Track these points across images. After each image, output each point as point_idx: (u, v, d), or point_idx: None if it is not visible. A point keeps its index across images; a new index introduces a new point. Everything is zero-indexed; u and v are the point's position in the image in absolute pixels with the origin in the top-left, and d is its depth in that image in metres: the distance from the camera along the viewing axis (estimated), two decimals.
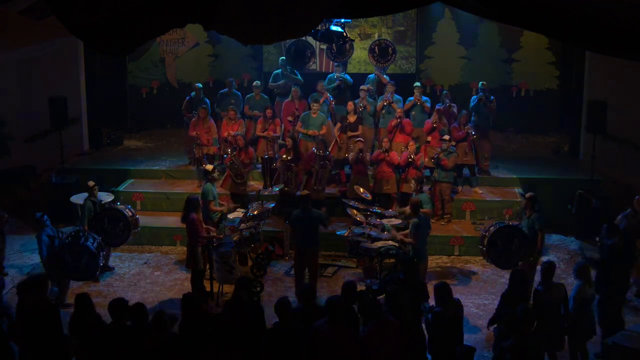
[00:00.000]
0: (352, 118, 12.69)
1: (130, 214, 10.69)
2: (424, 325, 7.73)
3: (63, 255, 9.69)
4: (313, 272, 10.19)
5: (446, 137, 11.99)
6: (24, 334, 7.48)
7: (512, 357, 6.72)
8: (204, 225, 10.08)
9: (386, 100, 12.97)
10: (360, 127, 12.79)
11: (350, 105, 12.77)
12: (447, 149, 11.86)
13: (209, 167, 11.29)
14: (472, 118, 13.04)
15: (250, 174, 12.74)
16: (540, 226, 9.65)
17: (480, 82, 13.35)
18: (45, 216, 10.16)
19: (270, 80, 14.02)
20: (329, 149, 12.31)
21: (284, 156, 12.10)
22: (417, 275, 8.24)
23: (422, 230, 9.78)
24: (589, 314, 8.00)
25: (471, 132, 12.49)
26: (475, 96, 13.38)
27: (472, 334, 9.00)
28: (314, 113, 12.72)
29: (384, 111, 13.07)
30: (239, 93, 14.03)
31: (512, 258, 9.78)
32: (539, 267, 11.04)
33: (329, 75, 13.88)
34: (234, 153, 12.05)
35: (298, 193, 11.69)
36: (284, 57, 13.97)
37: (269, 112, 12.91)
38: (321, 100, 13.04)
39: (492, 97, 13.20)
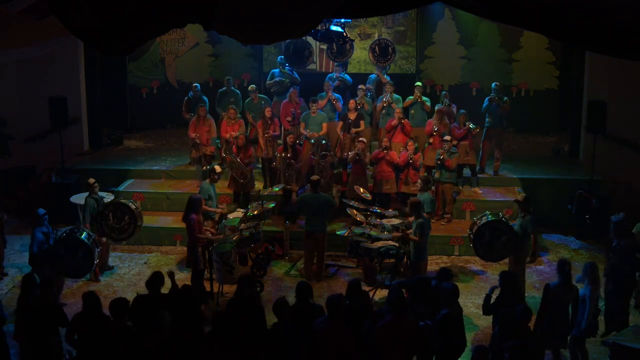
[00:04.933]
0: (352, 115, 12.69)
1: (134, 207, 10.70)
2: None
3: (58, 250, 9.66)
4: (320, 256, 10.64)
5: (447, 137, 11.98)
6: (26, 333, 7.49)
7: (511, 357, 6.72)
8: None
9: (385, 102, 12.97)
10: (362, 122, 12.79)
11: (352, 103, 12.77)
12: (449, 150, 11.86)
13: (217, 168, 11.26)
14: (486, 119, 13.03)
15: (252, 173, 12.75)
16: (533, 228, 9.68)
17: (493, 83, 13.31)
18: (47, 215, 10.19)
19: (267, 79, 14.02)
20: (332, 146, 12.36)
21: (282, 154, 12.10)
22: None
23: (427, 231, 9.82)
24: (596, 315, 8.02)
25: (471, 128, 12.46)
26: (487, 97, 13.31)
27: (471, 333, 9.00)
28: (313, 112, 12.73)
29: (384, 111, 13.07)
30: (237, 91, 14.05)
31: (496, 253, 9.86)
32: (537, 267, 11.16)
33: (328, 75, 13.88)
34: (234, 153, 12.04)
35: (300, 191, 11.70)
36: (282, 57, 13.98)
37: (267, 111, 12.88)
38: (324, 100, 13.03)
39: (505, 98, 13.17)
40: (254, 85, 13.85)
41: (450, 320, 7.14)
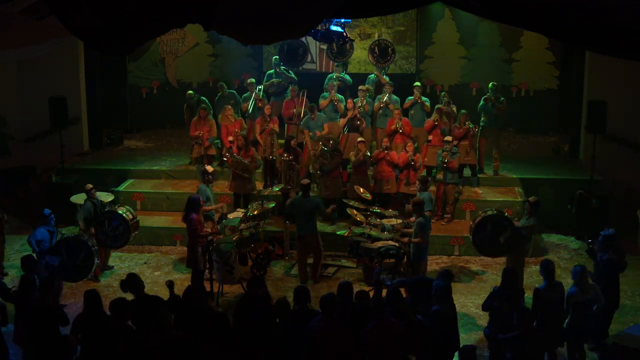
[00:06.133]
0: (350, 114, 12.70)
1: (130, 217, 10.59)
2: None
3: (59, 250, 9.65)
4: (316, 257, 10.60)
5: (448, 137, 12.00)
6: (27, 334, 7.49)
7: (513, 355, 6.72)
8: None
9: (382, 103, 12.97)
10: (363, 121, 12.77)
11: (350, 103, 12.78)
12: (450, 150, 11.86)
13: (209, 168, 11.29)
14: (482, 118, 13.05)
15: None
16: (533, 232, 9.65)
17: (491, 83, 13.32)
18: (53, 215, 10.19)
19: (264, 80, 14.02)
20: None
21: (284, 155, 12.10)
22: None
23: (427, 230, 9.82)
24: (587, 318, 7.98)
25: (471, 127, 12.48)
26: (484, 96, 13.32)
27: (472, 333, 9.00)
28: (313, 118, 12.73)
29: (380, 111, 13.07)
30: (233, 92, 14.07)
31: (494, 248, 9.82)
32: (537, 267, 11.17)
33: (329, 75, 13.89)
34: (234, 153, 12.03)
35: None
36: (277, 57, 14.01)
37: (267, 109, 12.88)
38: (327, 100, 13.03)
39: (501, 98, 13.17)
40: (253, 79, 13.83)
41: (440, 317, 7.13)
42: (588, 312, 7.93)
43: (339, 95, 13.21)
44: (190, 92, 14.05)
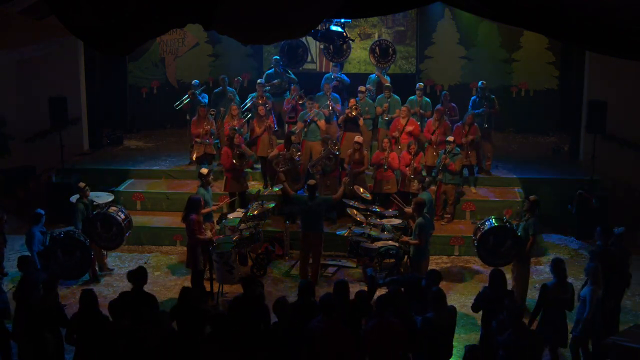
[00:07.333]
0: (352, 113, 12.71)
1: (122, 217, 10.57)
2: None
3: (54, 251, 9.63)
4: (316, 257, 10.50)
5: (450, 138, 11.99)
6: (25, 333, 7.50)
7: (505, 353, 6.71)
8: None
9: (385, 114, 12.97)
10: (361, 120, 12.76)
11: (352, 101, 12.77)
12: (451, 151, 11.84)
13: (204, 170, 11.26)
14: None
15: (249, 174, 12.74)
16: (534, 231, 9.67)
17: (480, 82, 13.33)
18: (44, 216, 10.18)
19: (263, 80, 14.03)
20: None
21: (291, 150, 11.98)
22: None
23: (427, 231, 9.81)
24: (600, 315, 7.99)
25: (477, 138, 12.50)
26: (474, 96, 13.37)
27: (472, 333, 9.00)
28: (310, 110, 12.71)
29: (384, 114, 13.08)
30: (232, 89, 14.08)
31: (500, 258, 9.79)
32: (537, 267, 11.17)
33: (325, 75, 13.90)
34: (242, 149, 12.02)
35: (300, 191, 11.65)
36: (277, 57, 14.01)
37: (260, 109, 12.85)
38: (327, 102, 13.05)
39: (492, 96, 13.19)
40: (262, 80, 13.83)
41: (430, 325, 7.07)
42: (600, 306, 7.96)
43: (335, 95, 13.20)
44: (196, 81, 14.05)
